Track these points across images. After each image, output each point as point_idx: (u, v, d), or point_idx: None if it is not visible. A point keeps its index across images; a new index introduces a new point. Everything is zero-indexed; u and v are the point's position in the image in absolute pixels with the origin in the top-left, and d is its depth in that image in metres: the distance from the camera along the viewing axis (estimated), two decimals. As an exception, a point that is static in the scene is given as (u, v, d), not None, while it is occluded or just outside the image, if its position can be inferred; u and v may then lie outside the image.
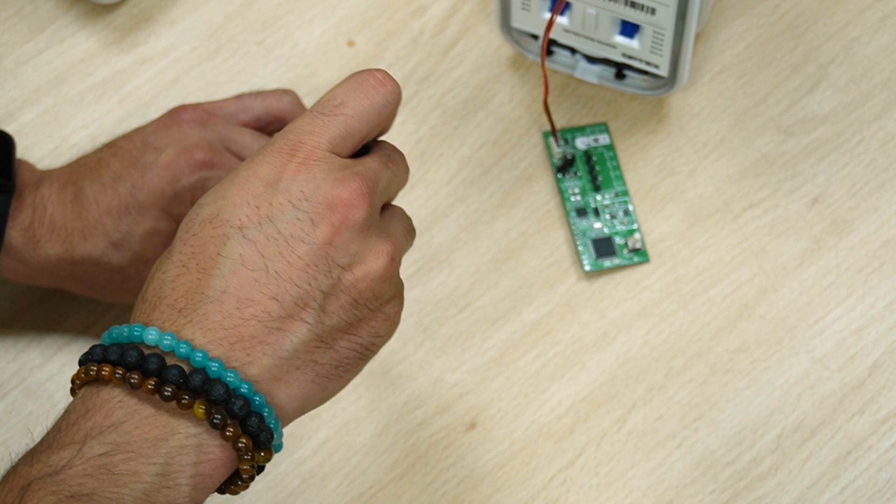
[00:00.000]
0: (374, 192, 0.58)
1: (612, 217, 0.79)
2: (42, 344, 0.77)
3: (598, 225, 0.79)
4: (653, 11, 0.74)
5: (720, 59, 0.83)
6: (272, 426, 0.55)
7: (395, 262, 0.58)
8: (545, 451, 0.74)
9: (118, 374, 0.54)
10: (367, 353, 0.58)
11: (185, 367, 0.54)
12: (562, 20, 0.77)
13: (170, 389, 0.53)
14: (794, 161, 0.81)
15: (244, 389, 0.54)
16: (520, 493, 0.73)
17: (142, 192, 0.71)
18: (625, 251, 0.78)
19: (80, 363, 0.56)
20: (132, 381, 0.54)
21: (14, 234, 0.70)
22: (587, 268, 0.78)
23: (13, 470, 0.54)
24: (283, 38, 0.84)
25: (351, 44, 0.84)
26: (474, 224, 0.79)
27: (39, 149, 0.81)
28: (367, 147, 0.61)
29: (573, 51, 0.80)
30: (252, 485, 0.73)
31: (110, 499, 0.52)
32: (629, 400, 0.75)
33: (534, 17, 0.78)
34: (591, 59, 0.80)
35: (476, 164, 0.81)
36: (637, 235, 0.78)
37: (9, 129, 0.81)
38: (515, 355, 0.76)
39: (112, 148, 0.73)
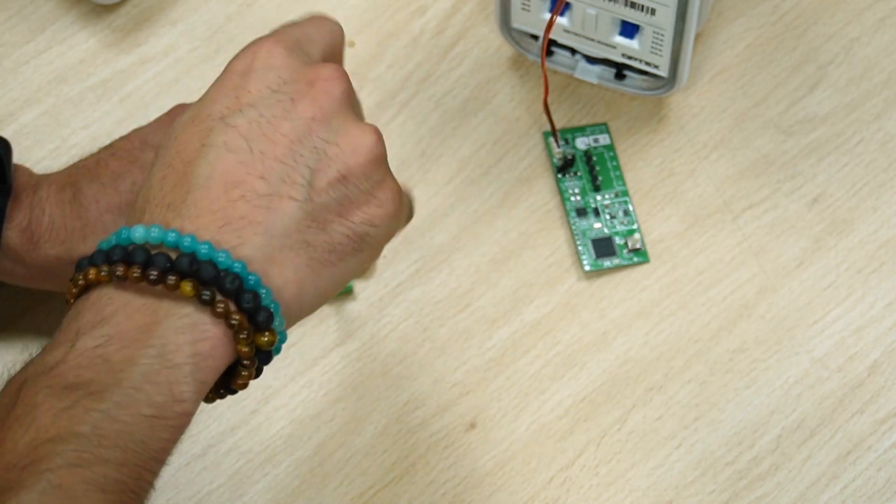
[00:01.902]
0: (348, 78, 0.58)
1: (612, 217, 0.79)
2: (42, 346, 0.77)
3: (598, 225, 0.79)
4: (652, 12, 0.74)
5: (720, 59, 0.83)
6: (271, 308, 0.54)
7: (381, 142, 0.57)
8: (545, 451, 0.74)
9: (104, 271, 0.53)
10: (361, 243, 0.57)
11: (174, 255, 0.53)
12: (562, 20, 0.77)
13: (155, 273, 0.52)
14: (794, 161, 0.81)
15: (237, 268, 0.53)
16: (520, 493, 0.73)
17: None
18: (625, 251, 0.78)
19: (70, 281, 0.54)
20: (117, 273, 0.52)
21: (12, 234, 0.70)
22: (587, 268, 0.78)
23: (10, 379, 0.53)
24: (284, 38, 0.84)
25: (351, 44, 0.84)
26: (474, 224, 0.79)
27: (40, 149, 0.81)
28: None
29: (573, 51, 0.81)
30: (252, 485, 0.73)
31: (108, 385, 0.51)
32: (629, 400, 0.75)
33: (534, 17, 0.78)
34: (591, 60, 0.80)
35: (476, 165, 0.81)
36: (637, 235, 0.78)
37: (9, 130, 0.81)
38: (515, 355, 0.76)
39: (110, 149, 0.73)
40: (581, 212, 0.79)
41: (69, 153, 0.81)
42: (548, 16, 0.77)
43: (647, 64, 0.78)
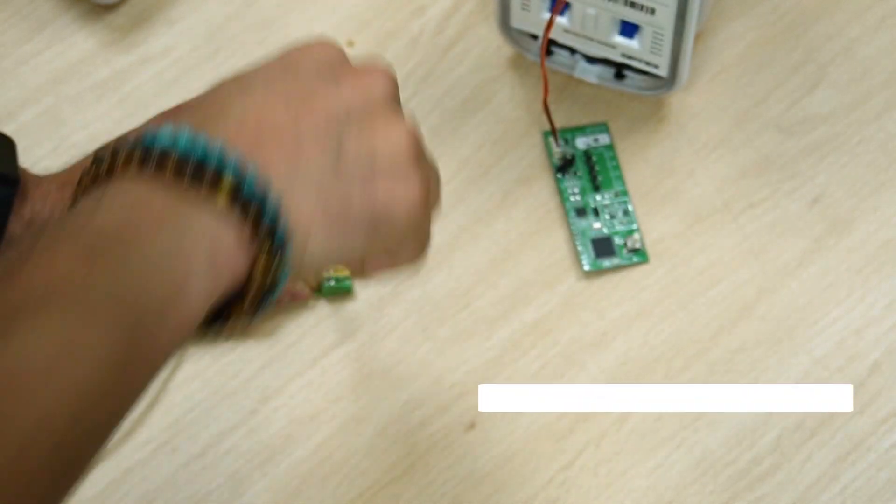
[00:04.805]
0: (396, 82, 0.58)
1: (612, 217, 0.79)
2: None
3: (597, 225, 0.79)
4: (652, 11, 0.74)
5: (720, 59, 0.83)
6: (286, 237, 0.52)
7: (418, 142, 0.57)
8: (545, 451, 0.74)
9: (136, 157, 0.51)
10: (376, 219, 0.55)
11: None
12: (561, 20, 0.77)
13: (200, 176, 0.51)
14: (794, 161, 0.81)
15: (261, 185, 0.52)
16: (519, 493, 0.73)
17: None
18: (624, 251, 0.78)
19: (93, 163, 0.53)
20: (154, 162, 0.51)
21: (16, 226, 0.70)
22: (586, 268, 0.78)
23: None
24: (284, 38, 0.84)
25: (351, 44, 0.84)
26: (474, 224, 0.79)
27: (39, 149, 0.81)
28: None
29: (573, 51, 0.81)
30: (251, 485, 0.73)
31: (128, 254, 0.50)
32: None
33: (533, 17, 0.78)
34: (591, 59, 0.80)
35: (476, 165, 0.81)
36: (636, 235, 0.78)
37: (8, 129, 0.81)
38: (515, 355, 0.76)
39: (110, 149, 0.73)
40: (581, 212, 0.79)
41: (68, 153, 0.81)
42: (547, 15, 0.77)
43: (647, 64, 0.78)
